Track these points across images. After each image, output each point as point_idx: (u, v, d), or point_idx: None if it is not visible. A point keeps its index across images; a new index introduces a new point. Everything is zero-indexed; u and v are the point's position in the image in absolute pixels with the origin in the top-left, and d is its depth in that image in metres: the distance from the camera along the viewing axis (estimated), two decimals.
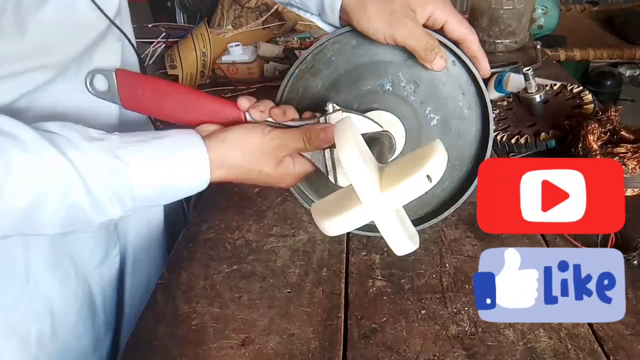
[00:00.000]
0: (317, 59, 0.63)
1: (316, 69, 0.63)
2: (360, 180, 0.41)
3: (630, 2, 2.17)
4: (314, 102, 0.64)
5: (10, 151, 0.42)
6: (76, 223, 0.48)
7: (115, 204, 0.47)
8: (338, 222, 0.44)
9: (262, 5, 1.60)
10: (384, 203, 0.41)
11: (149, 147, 0.49)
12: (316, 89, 0.64)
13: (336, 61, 0.63)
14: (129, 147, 0.48)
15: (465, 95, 0.62)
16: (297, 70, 0.63)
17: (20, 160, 0.42)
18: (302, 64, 0.63)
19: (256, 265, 0.65)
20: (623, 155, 0.70)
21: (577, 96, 0.88)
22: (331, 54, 0.63)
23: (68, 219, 0.46)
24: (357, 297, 0.59)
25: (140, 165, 0.48)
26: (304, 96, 0.65)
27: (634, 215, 0.69)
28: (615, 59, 1.79)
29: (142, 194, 0.49)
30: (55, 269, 0.60)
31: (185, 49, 1.28)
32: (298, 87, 0.65)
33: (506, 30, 1.36)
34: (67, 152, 0.44)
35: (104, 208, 0.47)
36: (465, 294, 0.58)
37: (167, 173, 0.49)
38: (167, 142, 0.50)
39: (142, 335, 0.56)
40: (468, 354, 0.51)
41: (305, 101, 0.65)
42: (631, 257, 0.60)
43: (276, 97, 0.64)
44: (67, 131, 0.46)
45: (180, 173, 0.50)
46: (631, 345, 0.51)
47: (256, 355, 0.53)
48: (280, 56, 1.33)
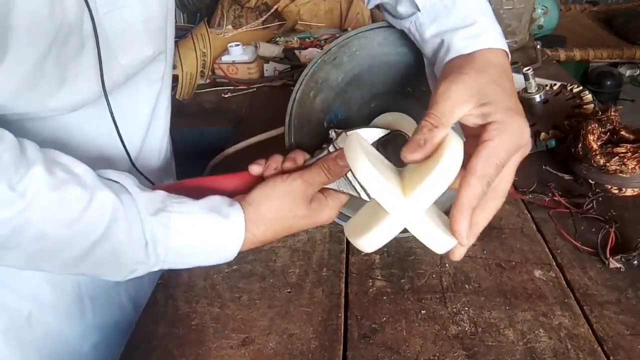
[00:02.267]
0: (341, 51, 0.62)
1: (339, 61, 0.63)
2: (381, 192, 0.41)
3: (630, 2, 2.17)
4: (332, 95, 0.64)
5: (68, 185, 0.44)
6: (106, 265, 0.49)
7: (150, 250, 0.48)
8: (373, 238, 0.44)
9: (262, 5, 1.60)
10: (411, 208, 0.41)
11: (191, 203, 0.51)
12: (336, 81, 0.63)
13: (360, 56, 0.62)
14: (174, 199, 0.50)
15: None
16: (319, 61, 0.63)
17: (75, 194, 0.44)
18: (326, 54, 0.62)
19: (256, 265, 0.65)
20: (623, 155, 0.70)
21: (577, 96, 0.88)
22: (356, 48, 0.62)
23: (100, 258, 0.47)
24: (357, 297, 0.59)
25: (183, 215, 0.49)
26: (322, 87, 0.64)
27: (634, 215, 0.69)
28: (615, 59, 1.79)
29: (177, 245, 0.49)
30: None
31: (185, 48, 1.28)
32: (317, 78, 0.64)
33: (506, 30, 1.36)
34: (120, 195, 0.47)
35: (139, 252, 0.48)
36: (465, 294, 0.58)
37: (206, 229, 0.50)
38: (207, 202, 0.52)
39: (142, 335, 0.56)
40: (468, 354, 0.51)
41: (322, 92, 0.64)
42: (631, 257, 0.60)
43: (295, 85, 0.64)
44: (122, 178, 0.49)
45: (219, 231, 0.51)
46: (631, 345, 0.51)
47: (256, 355, 0.53)
48: (280, 56, 1.33)
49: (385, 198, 0.41)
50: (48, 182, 0.43)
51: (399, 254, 0.64)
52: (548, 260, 0.63)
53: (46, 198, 0.43)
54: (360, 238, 0.44)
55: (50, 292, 0.63)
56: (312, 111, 0.66)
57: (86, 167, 0.47)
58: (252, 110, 1.15)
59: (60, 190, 0.44)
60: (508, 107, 0.44)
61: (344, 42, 0.62)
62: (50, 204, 0.43)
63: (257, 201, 0.53)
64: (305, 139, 0.68)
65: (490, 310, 0.56)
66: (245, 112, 1.14)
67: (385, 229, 0.43)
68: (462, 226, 0.42)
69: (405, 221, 0.42)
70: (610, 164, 0.70)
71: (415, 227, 0.42)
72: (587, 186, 0.74)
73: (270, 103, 1.18)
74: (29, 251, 0.45)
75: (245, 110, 1.16)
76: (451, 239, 0.43)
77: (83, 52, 0.50)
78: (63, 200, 0.44)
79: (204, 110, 1.19)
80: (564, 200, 0.71)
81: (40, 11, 0.44)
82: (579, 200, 0.71)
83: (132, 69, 0.57)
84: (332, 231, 0.70)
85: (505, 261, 0.63)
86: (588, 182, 0.74)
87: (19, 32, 0.43)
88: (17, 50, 0.44)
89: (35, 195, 0.42)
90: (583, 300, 0.56)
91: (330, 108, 0.65)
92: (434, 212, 0.47)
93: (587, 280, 0.59)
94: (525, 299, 0.57)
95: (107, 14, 0.50)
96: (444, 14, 0.52)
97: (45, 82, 0.48)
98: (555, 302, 0.56)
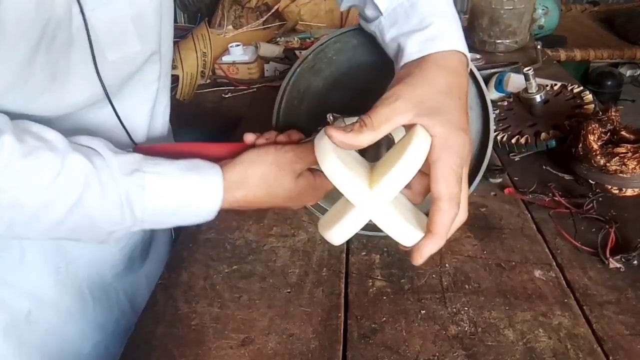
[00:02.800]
0: (318, 58, 0.63)
1: (317, 68, 0.63)
2: (345, 184, 0.42)
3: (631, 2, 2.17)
4: (315, 102, 0.64)
5: (39, 151, 0.44)
6: (84, 229, 0.49)
7: (126, 211, 0.48)
8: (339, 230, 0.44)
9: (262, 5, 1.60)
10: (375, 200, 0.41)
11: (167, 163, 0.51)
12: (317, 88, 0.64)
13: (337, 61, 0.63)
14: (149, 160, 0.51)
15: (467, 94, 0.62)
16: (298, 70, 0.63)
17: (47, 160, 0.45)
18: (304, 63, 0.63)
19: (256, 265, 0.65)
20: (623, 155, 0.70)
21: (578, 96, 0.88)
22: (332, 54, 0.62)
23: (77, 222, 0.47)
24: (357, 297, 0.59)
25: (157, 175, 0.50)
26: (305, 96, 0.65)
27: (634, 215, 0.69)
28: (615, 59, 1.80)
29: (153, 205, 0.49)
30: (47, 260, 0.62)
31: (186, 49, 1.28)
32: (299, 87, 0.65)
33: (506, 30, 1.36)
34: (92, 158, 0.47)
35: (115, 213, 0.48)
36: (465, 294, 0.58)
37: (182, 188, 0.50)
38: (185, 163, 0.52)
39: (142, 335, 0.56)
40: (467, 354, 0.51)
41: (306, 101, 0.65)
42: (631, 257, 0.60)
43: (277, 97, 0.64)
44: (95, 143, 0.50)
45: (196, 190, 0.51)
46: (631, 345, 0.51)
47: (256, 355, 0.53)
48: (280, 56, 1.33)
49: (349, 190, 0.42)
50: (19, 150, 0.43)
51: (399, 254, 0.64)
52: (548, 260, 0.63)
53: (17, 165, 0.43)
54: (329, 231, 0.45)
55: (51, 289, 0.63)
56: (297, 119, 0.66)
57: (58, 133, 0.47)
58: (252, 110, 1.15)
59: (31, 157, 0.44)
60: (449, 120, 0.44)
61: (320, 49, 0.62)
62: (22, 171, 0.43)
63: (246, 163, 0.53)
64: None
65: (490, 310, 0.56)
66: (246, 112, 1.14)
67: (351, 222, 0.43)
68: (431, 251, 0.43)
69: (370, 213, 0.42)
70: (611, 164, 0.70)
71: (380, 219, 0.43)
72: (587, 186, 0.74)
73: (271, 103, 1.17)
74: (5, 219, 0.45)
75: (245, 110, 1.16)
76: (418, 232, 0.43)
77: (73, 49, 0.50)
78: (35, 167, 0.44)
79: (204, 110, 1.19)
80: (564, 201, 0.71)
81: (28, 5, 0.44)
82: (579, 201, 0.71)
83: (122, 67, 0.57)
84: None
85: (505, 261, 0.63)
86: (588, 182, 0.74)
87: (7, 26, 0.43)
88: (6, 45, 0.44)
89: (7, 164, 0.42)
90: (583, 300, 0.56)
91: (316, 115, 0.65)
92: (404, 206, 0.47)
93: (587, 280, 0.59)
94: (525, 299, 0.57)
95: (95, 10, 0.50)
96: (403, 17, 0.52)
97: (36, 79, 0.48)
98: (555, 302, 0.56)
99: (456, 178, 0.42)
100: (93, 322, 0.69)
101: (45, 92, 0.50)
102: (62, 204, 0.46)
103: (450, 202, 0.42)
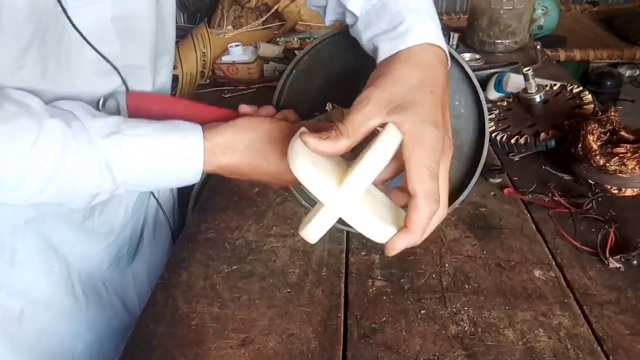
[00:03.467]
0: (313, 60, 0.63)
1: (313, 69, 0.63)
2: (312, 183, 0.42)
3: (631, 2, 2.17)
4: (313, 103, 0.64)
5: (18, 118, 0.44)
6: (66, 193, 0.49)
7: (105, 175, 0.48)
8: (311, 228, 0.44)
9: (262, 5, 1.60)
10: (342, 196, 0.41)
11: (147, 125, 0.50)
12: (315, 90, 0.64)
13: (333, 61, 0.62)
14: (128, 122, 0.50)
15: (462, 94, 0.62)
16: (294, 72, 0.63)
17: (24, 127, 0.44)
18: (299, 64, 0.63)
19: (256, 265, 0.65)
20: (623, 155, 0.70)
21: (577, 96, 0.88)
22: (327, 55, 0.62)
23: (58, 187, 0.47)
24: (356, 297, 0.59)
25: (136, 137, 0.49)
26: (302, 98, 0.65)
27: (634, 215, 0.69)
28: (615, 59, 1.79)
29: (132, 168, 0.49)
30: (39, 259, 0.62)
31: (185, 49, 1.28)
32: (296, 89, 0.65)
33: (506, 30, 1.36)
34: (70, 123, 0.47)
35: (94, 177, 0.48)
36: (465, 294, 0.58)
37: (161, 150, 0.50)
38: (166, 124, 0.51)
39: (142, 335, 0.56)
40: (467, 353, 0.51)
41: (304, 102, 0.65)
42: (631, 257, 0.60)
43: (273, 99, 0.64)
44: (74, 107, 0.49)
45: (176, 152, 0.50)
46: (630, 345, 0.51)
47: (256, 355, 0.53)
48: (280, 56, 1.33)
49: (316, 189, 0.42)
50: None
51: (398, 254, 0.64)
52: (548, 260, 0.63)
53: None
54: (304, 229, 0.45)
55: (43, 289, 0.63)
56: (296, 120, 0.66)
57: (38, 99, 0.47)
58: None
59: (9, 123, 0.44)
60: (419, 114, 0.43)
61: (315, 50, 0.62)
62: (1, 137, 0.43)
63: (237, 127, 0.53)
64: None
65: (489, 310, 0.56)
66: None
67: (321, 220, 0.43)
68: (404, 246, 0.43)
69: (339, 211, 0.42)
70: (610, 164, 0.70)
71: (349, 216, 0.43)
72: (587, 186, 0.74)
73: (270, 103, 1.18)
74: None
75: None
76: (390, 228, 0.43)
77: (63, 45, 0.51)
78: (13, 133, 0.44)
79: None
80: (564, 200, 0.71)
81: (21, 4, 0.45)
82: (579, 200, 0.71)
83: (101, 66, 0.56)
84: (332, 231, 0.70)
85: (505, 261, 0.63)
86: (588, 182, 0.74)
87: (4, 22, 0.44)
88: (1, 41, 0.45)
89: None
90: (582, 300, 0.56)
91: (312, 115, 0.65)
92: (379, 202, 0.47)
93: (587, 280, 0.59)
94: (525, 298, 0.57)
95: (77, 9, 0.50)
96: (375, 19, 0.52)
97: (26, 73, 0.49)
98: (555, 302, 0.56)
99: (430, 174, 0.41)
100: (85, 322, 0.69)
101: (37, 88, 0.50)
102: (41, 170, 0.45)
103: (426, 199, 0.41)
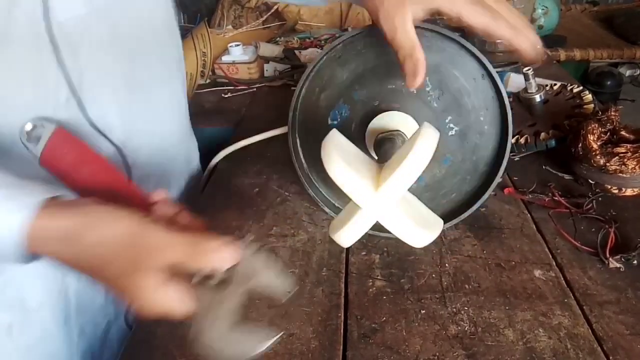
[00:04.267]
0: (347, 49, 0.62)
1: (344, 59, 0.63)
2: (350, 186, 0.42)
3: (630, 2, 2.17)
4: (337, 92, 0.64)
5: None
6: None
7: None
8: (346, 232, 0.44)
9: (262, 5, 1.60)
10: (380, 201, 0.41)
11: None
12: (341, 79, 0.64)
13: (365, 54, 0.62)
14: None
15: (489, 110, 0.62)
16: (325, 58, 0.63)
17: None
18: (331, 52, 0.62)
19: None
20: (623, 155, 0.70)
21: (577, 96, 0.88)
22: (361, 47, 0.62)
23: None
24: (356, 297, 0.59)
25: None
26: (327, 85, 0.64)
27: (634, 215, 0.69)
28: (615, 59, 1.79)
29: None
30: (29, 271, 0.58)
31: (185, 48, 1.28)
32: (323, 75, 0.64)
33: None
34: None
35: None
36: (465, 294, 0.58)
37: None
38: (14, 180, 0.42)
39: (142, 335, 0.56)
40: (467, 353, 0.51)
41: (327, 89, 0.64)
42: (631, 257, 0.60)
43: (299, 82, 0.64)
44: None
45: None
46: (631, 345, 0.51)
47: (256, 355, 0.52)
48: (280, 56, 1.33)
49: (354, 192, 0.42)
50: None
51: (398, 254, 0.64)
52: (548, 260, 0.63)
53: None
54: (337, 233, 0.45)
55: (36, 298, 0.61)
56: (316, 107, 0.66)
57: None
58: (252, 110, 1.15)
59: None
60: None
61: (349, 41, 0.62)
62: None
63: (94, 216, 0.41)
64: (308, 133, 0.68)
65: (489, 310, 0.56)
66: (245, 112, 1.14)
67: (357, 223, 0.44)
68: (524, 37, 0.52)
69: (376, 214, 0.42)
70: (610, 164, 0.70)
71: (386, 220, 0.43)
72: (587, 186, 0.74)
73: (271, 103, 1.18)
74: None
75: (245, 110, 1.16)
76: (426, 233, 0.43)
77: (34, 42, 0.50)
78: None
79: (204, 110, 1.19)
80: (564, 200, 0.71)
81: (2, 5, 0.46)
82: (579, 200, 0.71)
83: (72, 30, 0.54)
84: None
85: (505, 261, 0.63)
86: (588, 182, 0.74)
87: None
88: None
89: None
90: (583, 300, 0.56)
91: (334, 105, 0.65)
92: (412, 206, 0.47)
93: (587, 280, 0.59)
94: (525, 298, 0.57)
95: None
96: None
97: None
98: (555, 302, 0.56)
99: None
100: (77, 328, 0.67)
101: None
102: None
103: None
